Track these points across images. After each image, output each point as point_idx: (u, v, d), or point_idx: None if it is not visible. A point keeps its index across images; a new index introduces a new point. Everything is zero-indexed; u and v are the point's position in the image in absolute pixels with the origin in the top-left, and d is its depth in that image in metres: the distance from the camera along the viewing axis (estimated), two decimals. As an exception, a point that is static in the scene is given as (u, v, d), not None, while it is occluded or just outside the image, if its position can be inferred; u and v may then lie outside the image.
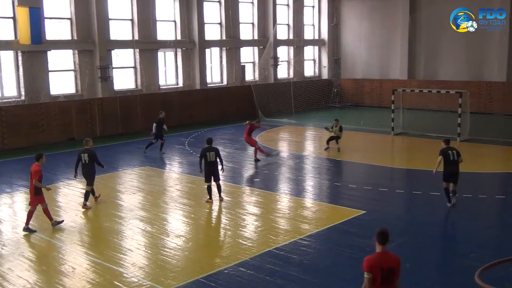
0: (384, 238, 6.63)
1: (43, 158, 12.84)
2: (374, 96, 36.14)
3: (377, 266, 6.49)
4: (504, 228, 12.80)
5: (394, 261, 6.61)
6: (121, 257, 11.04)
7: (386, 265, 6.52)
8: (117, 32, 27.29)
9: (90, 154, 14.60)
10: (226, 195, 15.48)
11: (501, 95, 30.73)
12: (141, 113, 27.26)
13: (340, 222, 12.95)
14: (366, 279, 6.51)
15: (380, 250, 6.63)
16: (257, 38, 34.10)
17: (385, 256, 6.59)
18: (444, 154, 13.64)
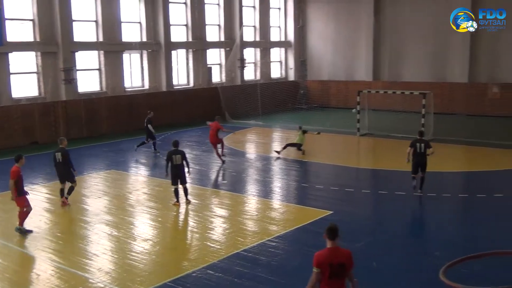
0: (333, 233, 6.75)
1: (22, 159, 12.74)
2: (340, 98, 36.51)
3: (326, 262, 6.62)
4: (468, 226, 13.08)
5: (344, 256, 6.71)
6: (87, 262, 10.86)
7: (335, 260, 6.63)
8: (81, 34, 26.86)
9: (63, 153, 14.61)
10: (194, 198, 15.39)
11: (463, 96, 31.39)
12: (106, 115, 26.92)
13: (308, 222, 13.02)
14: (314, 273, 6.65)
15: (330, 245, 6.74)
16: (224, 40, 34.06)
17: (335, 251, 6.71)
18: (413, 145, 14.99)
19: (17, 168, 12.47)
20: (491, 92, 30.66)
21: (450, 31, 31.76)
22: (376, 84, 34.46)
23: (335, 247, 6.70)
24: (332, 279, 6.60)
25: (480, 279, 9.41)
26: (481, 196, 15.06)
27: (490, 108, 30.43)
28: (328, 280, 6.60)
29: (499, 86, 30.32)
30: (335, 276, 6.60)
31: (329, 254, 6.65)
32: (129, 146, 23.83)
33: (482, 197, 14.97)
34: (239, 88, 33.25)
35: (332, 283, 6.61)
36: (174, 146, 14.97)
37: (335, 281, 6.61)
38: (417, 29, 33.36)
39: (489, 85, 30.79)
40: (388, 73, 35.48)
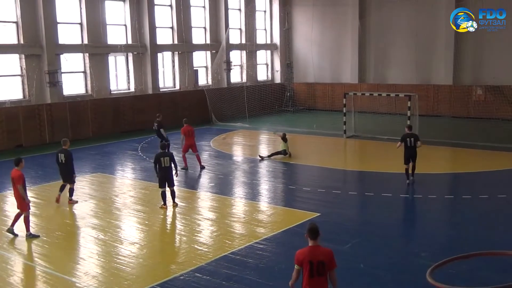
0: (314, 233, 6.94)
1: (22, 162, 12.57)
2: (326, 100, 36.64)
3: (306, 259, 6.80)
4: (454, 227, 13.18)
5: (324, 254, 6.86)
6: (74, 266, 10.78)
7: (315, 258, 6.80)
8: (65, 36, 26.66)
9: (66, 154, 15.04)
10: (181, 201, 15.34)
11: (448, 98, 31.70)
12: (92, 118, 26.75)
13: (295, 225, 13.03)
14: (295, 270, 6.88)
15: (311, 244, 6.93)
16: (210, 43, 34.02)
17: (315, 249, 6.87)
18: (403, 140, 16.43)
19: (19, 171, 12.28)
20: (476, 94, 30.97)
21: (434, 34, 32.31)
22: (362, 87, 34.65)
23: (316, 245, 6.89)
24: (313, 278, 6.77)
25: (467, 279, 9.50)
26: (467, 197, 15.19)
27: (475, 110, 30.73)
28: (309, 278, 6.77)
29: (483, 88, 30.63)
30: (316, 274, 6.77)
31: (310, 252, 6.84)
32: (114, 149, 23.73)
33: (468, 198, 15.11)
34: (225, 91, 33.25)
35: (313, 281, 6.78)
36: (162, 149, 14.97)
37: (316, 279, 6.78)
38: (402, 32, 33.63)
39: (473, 87, 31.09)
40: (373, 76, 35.69)
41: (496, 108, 29.65)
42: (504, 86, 29.72)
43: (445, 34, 31.66)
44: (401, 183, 17.60)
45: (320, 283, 6.81)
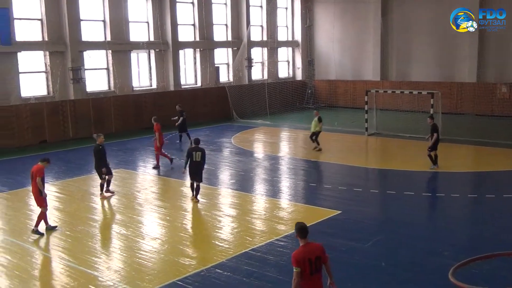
0: (304, 232, 6.99)
1: (48, 163, 12.95)
2: (347, 97, 36.44)
3: (305, 259, 6.82)
4: (477, 227, 13.02)
5: (318, 249, 6.97)
6: (96, 260, 10.91)
7: (313, 255, 6.88)
8: (89, 33, 26.95)
9: (95, 150, 15.68)
10: (202, 197, 15.42)
11: (472, 96, 31.28)
12: (115, 115, 27.00)
13: (316, 222, 12.99)
14: (295, 273, 6.83)
15: (303, 243, 6.98)
16: (231, 40, 34.07)
17: (309, 247, 6.94)
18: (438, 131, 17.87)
19: (40, 165, 12.56)
20: (500, 92, 30.51)
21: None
22: (383, 84, 34.38)
23: (308, 243, 6.95)
24: (313, 275, 6.83)
25: (490, 280, 9.38)
26: (490, 196, 15.00)
27: (499, 108, 30.28)
28: (310, 276, 6.81)
29: (507, 86, 30.15)
30: (315, 271, 6.86)
31: (305, 250, 6.89)
32: (137, 145, 23.92)
33: (491, 197, 14.91)
34: (246, 88, 33.26)
35: (313, 278, 6.84)
36: (195, 144, 15.22)
37: (315, 276, 6.86)
38: (424, 29, 33.28)
39: (497, 85, 30.63)
40: (395, 73, 35.39)
41: (521, 106, 29.19)
42: (529, 83, 29.23)
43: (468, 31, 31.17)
44: (423, 181, 17.47)
45: (319, 279, 6.92)
